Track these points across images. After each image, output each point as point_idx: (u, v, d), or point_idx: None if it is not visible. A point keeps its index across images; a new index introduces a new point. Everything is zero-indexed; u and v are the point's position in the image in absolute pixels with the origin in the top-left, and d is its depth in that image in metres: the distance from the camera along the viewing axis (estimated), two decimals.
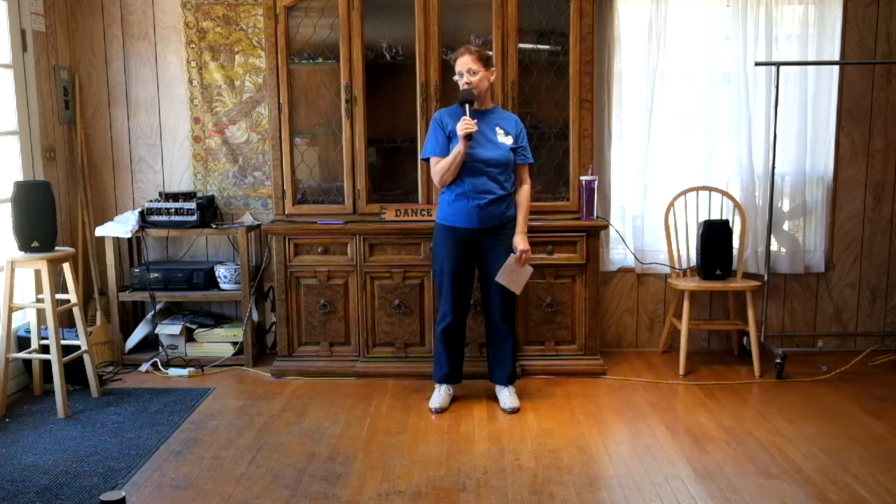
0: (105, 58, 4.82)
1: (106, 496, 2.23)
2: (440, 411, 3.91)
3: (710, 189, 4.72)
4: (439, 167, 3.80)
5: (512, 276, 3.83)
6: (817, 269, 4.86)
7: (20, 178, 4.24)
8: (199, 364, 4.63)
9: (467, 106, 3.71)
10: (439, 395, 3.98)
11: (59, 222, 4.24)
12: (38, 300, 4.08)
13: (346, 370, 4.43)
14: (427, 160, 3.93)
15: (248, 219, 4.86)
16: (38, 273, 4.13)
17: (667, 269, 4.78)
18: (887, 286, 4.89)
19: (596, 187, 4.40)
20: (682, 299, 4.53)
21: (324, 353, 4.49)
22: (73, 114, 4.73)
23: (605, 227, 4.59)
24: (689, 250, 4.73)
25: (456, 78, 3.82)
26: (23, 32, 4.29)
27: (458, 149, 3.71)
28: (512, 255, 3.82)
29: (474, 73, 3.75)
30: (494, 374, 4.04)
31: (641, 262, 4.83)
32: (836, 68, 4.69)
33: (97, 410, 3.95)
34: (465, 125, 3.66)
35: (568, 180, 4.46)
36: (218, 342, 4.71)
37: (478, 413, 3.90)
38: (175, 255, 4.98)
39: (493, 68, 3.90)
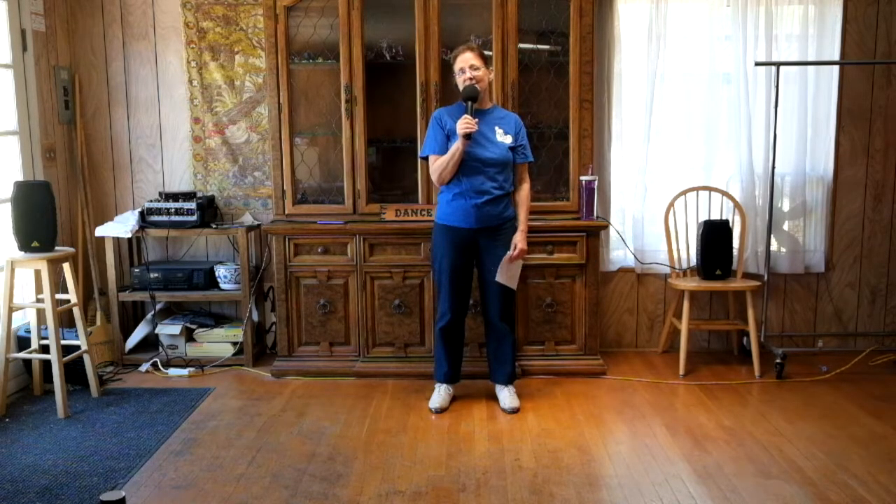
0: (105, 58, 4.82)
1: (106, 496, 2.23)
2: (440, 411, 3.91)
3: (710, 189, 4.71)
4: (437, 164, 3.80)
5: (505, 271, 3.84)
6: (817, 269, 4.86)
7: (20, 178, 4.24)
8: (199, 364, 4.63)
9: (470, 103, 3.70)
10: (439, 394, 3.98)
11: (59, 222, 4.24)
12: (38, 300, 4.08)
13: (346, 370, 4.43)
14: (426, 158, 3.94)
15: (248, 219, 4.86)
16: (38, 273, 4.13)
17: (667, 269, 4.78)
18: (887, 286, 4.89)
19: (596, 187, 4.40)
20: (682, 299, 4.53)
21: (324, 353, 4.49)
22: (73, 114, 4.73)
23: (605, 227, 4.59)
24: (689, 250, 4.73)
25: (456, 75, 3.81)
26: (23, 32, 4.29)
27: (456, 146, 3.70)
28: (508, 253, 3.83)
29: (477, 68, 3.75)
30: (494, 373, 4.04)
31: (641, 262, 4.83)
32: (836, 68, 4.69)
33: (97, 410, 3.95)
34: (465, 124, 3.65)
35: (568, 180, 4.46)
36: (218, 342, 4.71)
37: (478, 413, 3.90)
38: (175, 255, 4.98)
39: (491, 68, 3.91)
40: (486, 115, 3.83)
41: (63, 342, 3.96)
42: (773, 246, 4.79)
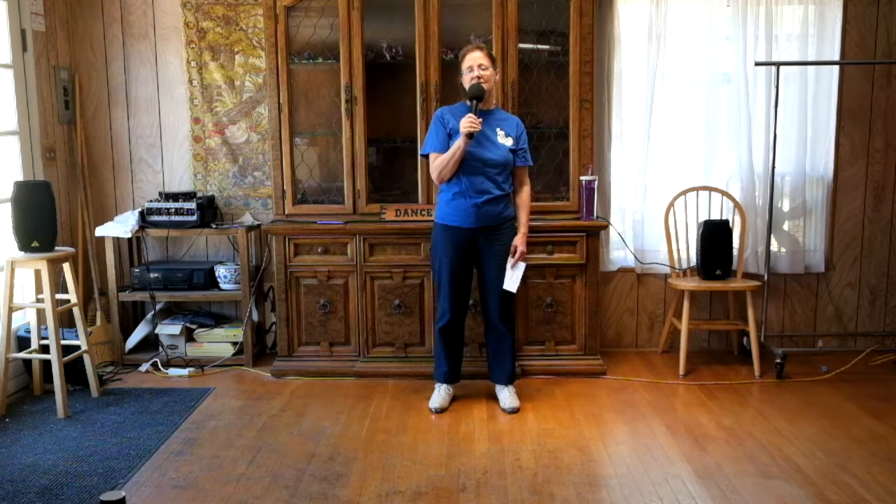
0: (105, 58, 4.82)
1: (106, 496, 2.23)
2: (440, 411, 3.91)
3: (710, 189, 4.72)
4: (438, 162, 3.80)
5: (509, 276, 3.84)
6: (817, 269, 4.86)
7: (20, 178, 4.24)
8: (199, 364, 4.63)
9: (475, 102, 3.69)
10: (439, 394, 3.98)
11: (59, 222, 4.24)
12: (38, 300, 4.08)
13: (346, 370, 4.43)
14: (426, 156, 3.93)
15: (248, 219, 4.86)
16: (38, 273, 4.13)
17: (667, 269, 4.78)
18: (887, 286, 4.89)
19: (596, 187, 4.40)
20: (682, 299, 4.53)
21: (324, 353, 4.49)
22: (73, 114, 4.73)
23: (605, 227, 4.59)
24: (689, 250, 4.73)
25: (464, 73, 3.79)
26: (23, 32, 4.29)
27: (458, 144, 3.70)
28: (510, 258, 3.83)
29: (485, 68, 3.75)
30: (494, 373, 4.04)
31: (641, 262, 4.83)
32: (836, 68, 4.69)
33: (97, 410, 3.95)
34: (469, 123, 3.63)
35: (568, 180, 4.46)
36: (218, 342, 4.71)
37: (478, 413, 3.90)
38: (175, 255, 4.98)
39: (498, 70, 3.91)
40: (489, 115, 3.83)
41: (63, 342, 3.96)
42: (773, 246, 4.79)
